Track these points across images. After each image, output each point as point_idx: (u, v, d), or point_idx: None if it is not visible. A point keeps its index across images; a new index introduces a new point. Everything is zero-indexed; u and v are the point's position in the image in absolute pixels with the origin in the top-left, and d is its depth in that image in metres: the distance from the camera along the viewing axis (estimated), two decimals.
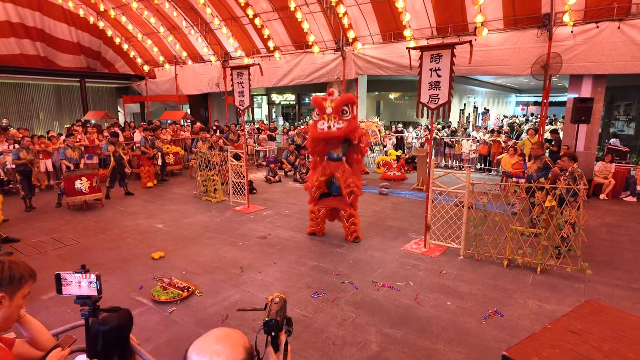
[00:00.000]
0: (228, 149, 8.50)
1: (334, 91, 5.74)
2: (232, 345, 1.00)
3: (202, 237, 6.43)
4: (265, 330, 1.27)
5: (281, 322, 1.29)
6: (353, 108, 5.60)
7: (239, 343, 1.01)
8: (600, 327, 2.38)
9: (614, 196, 9.00)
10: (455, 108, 20.79)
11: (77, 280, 1.57)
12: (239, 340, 1.02)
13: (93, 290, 1.57)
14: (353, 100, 5.59)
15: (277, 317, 1.28)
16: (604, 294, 4.40)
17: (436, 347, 3.45)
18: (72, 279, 1.58)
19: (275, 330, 1.27)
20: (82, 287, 1.57)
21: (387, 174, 11.44)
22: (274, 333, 1.27)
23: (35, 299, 4.29)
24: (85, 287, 1.57)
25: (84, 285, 1.57)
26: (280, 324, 1.28)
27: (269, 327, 1.26)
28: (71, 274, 1.57)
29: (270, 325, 1.26)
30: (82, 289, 1.58)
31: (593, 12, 8.42)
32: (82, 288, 1.58)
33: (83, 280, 1.57)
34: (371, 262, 5.35)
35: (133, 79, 18.73)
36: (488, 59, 9.74)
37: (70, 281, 1.58)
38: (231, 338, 1.02)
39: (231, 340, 1.01)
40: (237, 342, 1.02)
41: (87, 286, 1.57)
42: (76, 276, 1.57)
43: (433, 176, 5.54)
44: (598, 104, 9.05)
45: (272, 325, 1.26)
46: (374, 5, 10.75)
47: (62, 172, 9.34)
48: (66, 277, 1.57)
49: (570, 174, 5.47)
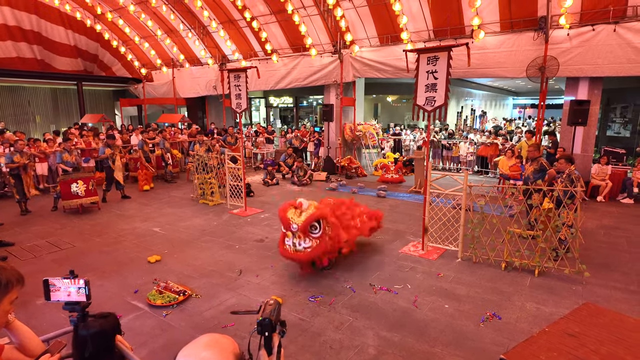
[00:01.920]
0: (225, 152, 8.47)
1: (302, 202, 4.79)
2: (220, 351, 0.98)
3: (199, 240, 6.39)
4: (259, 330, 1.26)
5: (274, 322, 1.28)
6: (325, 223, 4.70)
7: (227, 349, 0.99)
8: (597, 329, 2.36)
9: (611, 198, 9.02)
10: (452, 110, 20.84)
11: (65, 285, 1.55)
12: (228, 346, 1.00)
13: (82, 295, 1.55)
14: (325, 215, 4.70)
15: (271, 317, 1.27)
16: (601, 296, 4.39)
17: (434, 351, 3.42)
18: (61, 285, 1.55)
19: (269, 330, 1.26)
20: (71, 292, 1.55)
21: (384, 176, 11.44)
22: (267, 333, 1.26)
23: (28, 304, 4.24)
24: (73, 292, 1.55)
25: (73, 290, 1.54)
26: (273, 324, 1.27)
27: (263, 326, 1.25)
28: (59, 279, 1.55)
29: (264, 324, 1.26)
30: (70, 294, 1.55)
31: (589, 15, 8.46)
32: (71, 294, 1.55)
33: (71, 285, 1.54)
34: (368, 264, 5.33)
35: (130, 81, 18.70)
36: (485, 62, 9.76)
37: (59, 287, 1.55)
38: (220, 344, 1.00)
39: (220, 346, 1.00)
40: (226, 347, 1.00)
41: (76, 291, 1.54)
42: (64, 281, 1.55)
43: (430, 178, 5.54)
44: (594, 106, 9.08)
45: (265, 324, 1.26)
46: (371, 8, 10.77)
47: (58, 175, 9.29)
48: (54, 282, 1.55)
49: (567, 176, 5.47)
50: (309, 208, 4.76)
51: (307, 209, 4.74)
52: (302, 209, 4.75)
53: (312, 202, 4.89)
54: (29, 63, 15.95)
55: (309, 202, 4.85)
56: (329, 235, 4.77)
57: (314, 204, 4.87)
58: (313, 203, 4.88)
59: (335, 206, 5.38)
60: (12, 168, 7.92)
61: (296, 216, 4.68)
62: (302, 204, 4.80)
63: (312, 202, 4.88)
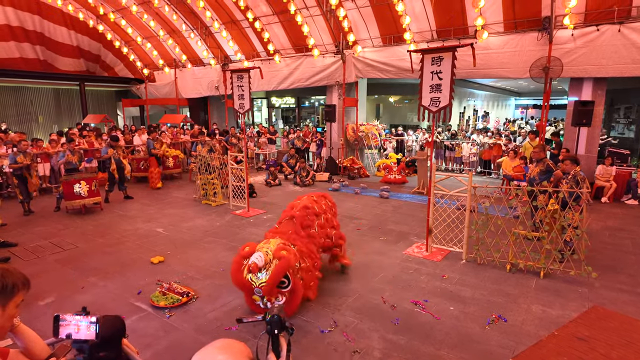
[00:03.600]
0: (228, 152, 8.46)
1: (256, 264, 3.60)
2: (235, 355, 0.98)
3: (202, 241, 6.38)
4: (268, 329, 1.24)
5: (283, 319, 1.27)
6: (294, 274, 3.77)
7: (242, 352, 1.00)
8: (607, 333, 2.34)
9: (616, 199, 8.97)
10: (455, 111, 20.78)
11: (75, 321, 1.50)
12: (242, 350, 1.02)
13: (91, 333, 1.49)
14: (291, 265, 3.69)
15: (280, 314, 1.26)
16: (608, 299, 4.35)
17: (439, 353, 3.40)
18: (71, 319, 1.50)
19: (278, 327, 1.25)
20: (81, 327, 1.49)
21: (387, 177, 11.41)
22: (277, 331, 1.26)
23: (32, 305, 4.24)
24: (84, 328, 1.49)
25: (83, 326, 1.49)
26: (282, 321, 1.26)
27: (272, 323, 1.25)
28: (71, 315, 1.51)
29: (273, 321, 1.25)
30: (80, 330, 1.50)
31: (593, 15, 8.42)
32: (80, 329, 1.49)
33: (82, 320, 1.49)
34: (372, 266, 5.30)
35: (132, 82, 18.72)
36: (488, 62, 9.73)
37: (69, 321, 1.50)
38: (233, 348, 1.01)
39: (234, 350, 1.00)
40: (240, 351, 1.01)
41: (86, 327, 1.49)
42: (75, 317, 1.50)
43: (434, 179, 5.51)
44: (598, 106, 9.03)
45: (274, 322, 1.26)
46: (374, 8, 10.74)
47: (60, 175, 9.28)
48: (65, 317, 1.50)
49: (572, 177, 5.44)
50: (270, 264, 3.62)
51: (268, 267, 3.61)
52: (260, 266, 3.62)
53: (269, 248, 3.74)
54: (31, 63, 15.99)
55: (265, 252, 3.69)
56: (302, 277, 3.96)
57: (271, 250, 3.71)
58: (270, 249, 3.73)
59: (302, 220, 4.39)
60: (15, 169, 7.92)
61: (256, 277, 3.63)
62: (256, 265, 3.59)
63: (268, 249, 3.73)
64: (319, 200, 4.83)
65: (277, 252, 3.69)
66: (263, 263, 3.63)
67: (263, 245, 3.86)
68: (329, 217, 4.81)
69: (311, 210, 4.55)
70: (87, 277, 5.00)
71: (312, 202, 4.69)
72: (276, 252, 3.70)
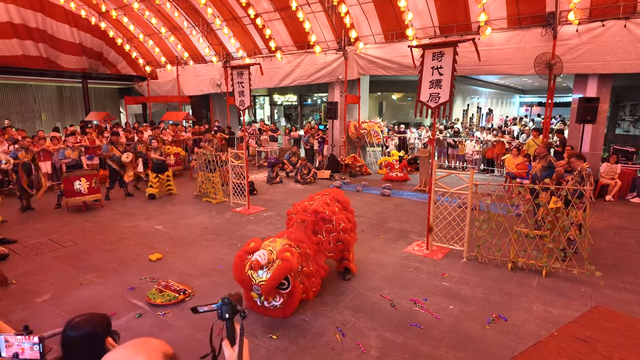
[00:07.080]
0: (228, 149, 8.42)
1: (258, 262, 3.59)
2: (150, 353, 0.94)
3: (201, 238, 6.34)
4: (219, 313, 1.31)
5: (235, 303, 1.33)
6: (294, 277, 3.76)
7: (157, 349, 0.96)
8: (609, 334, 2.26)
9: (620, 197, 8.85)
10: (459, 108, 20.64)
11: (18, 342, 1.45)
12: (158, 347, 0.97)
13: (35, 353, 1.45)
14: (292, 268, 3.63)
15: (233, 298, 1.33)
16: (611, 298, 4.28)
17: (438, 353, 3.34)
18: (14, 341, 1.46)
19: (229, 311, 1.31)
20: (25, 349, 1.45)
21: (389, 174, 11.34)
22: (228, 315, 1.31)
23: (28, 302, 4.21)
24: (27, 349, 1.45)
25: (26, 347, 1.45)
26: (234, 305, 1.32)
27: (222, 307, 1.31)
28: (12, 335, 1.46)
29: (225, 303, 1.31)
30: (24, 352, 1.45)
31: (598, 10, 8.29)
32: (24, 351, 1.45)
33: (25, 342, 1.45)
34: (372, 264, 5.24)
35: (135, 79, 18.71)
36: (491, 58, 9.61)
37: (12, 342, 1.46)
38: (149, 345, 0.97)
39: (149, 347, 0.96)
40: (155, 348, 0.96)
41: (29, 348, 1.45)
42: (17, 338, 1.45)
43: (435, 177, 5.43)
44: (603, 103, 8.90)
45: (225, 305, 1.31)
46: (376, 4, 10.65)
47: (61, 172, 9.27)
48: (8, 338, 1.46)
49: (577, 173, 5.35)
50: (272, 264, 3.58)
51: (270, 267, 3.57)
52: (262, 264, 3.57)
53: (274, 248, 3.72)
54: (34, 61, 16.00)
55: (269, 251, 3.66)
56: (302, 282, 3.94)
57: (276, 250, 3.68)
58: (275, 249, 3.70)
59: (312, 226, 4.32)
60: (15, 164, 7.90)
61: (256, 274, 3.58)
62: (258, 262, 3.57)
63: (273, 248, 3.71)
64: (331, 203, 4.62)
65: (281, 253, 3.64)
66: (265, 261, 3.60)
67: (269, 243, 3.84)
68: (341, 218, 4.54)
69: (321, 214, 4.38)
70: (86, 274, 4.98)
71: (324, 206, 4.50)
72: (280, 252, 3.66)
